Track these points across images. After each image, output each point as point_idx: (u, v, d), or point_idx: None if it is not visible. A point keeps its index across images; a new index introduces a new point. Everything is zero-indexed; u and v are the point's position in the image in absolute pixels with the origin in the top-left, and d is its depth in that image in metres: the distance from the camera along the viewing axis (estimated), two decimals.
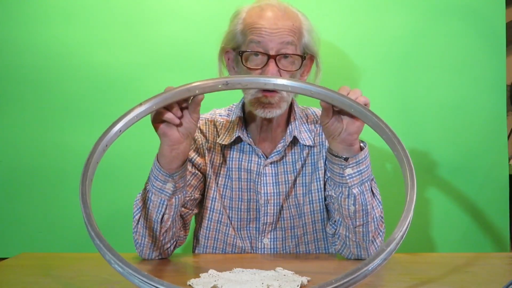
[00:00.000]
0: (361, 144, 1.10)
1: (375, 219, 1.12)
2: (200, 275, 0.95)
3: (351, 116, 1.04)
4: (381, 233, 1.15)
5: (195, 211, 1.27)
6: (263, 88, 1.11)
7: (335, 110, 1.04)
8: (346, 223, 1.13)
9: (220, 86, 1.05)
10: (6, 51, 1.75)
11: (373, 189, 1.12)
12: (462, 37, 1.77)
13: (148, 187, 1.13)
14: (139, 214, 1.15)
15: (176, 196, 1.12)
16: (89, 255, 1.20)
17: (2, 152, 1.76)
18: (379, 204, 1.13)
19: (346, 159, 1.07)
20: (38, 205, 1.76)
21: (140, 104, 1.01)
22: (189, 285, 0.89)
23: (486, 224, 1.78)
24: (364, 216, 1.10)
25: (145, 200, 1.13)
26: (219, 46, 1.28)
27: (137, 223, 1.15)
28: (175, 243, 1.20)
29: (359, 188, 1.08)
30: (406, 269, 1.05)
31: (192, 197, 1.23)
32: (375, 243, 1.13)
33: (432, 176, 1.77)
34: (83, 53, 1.75)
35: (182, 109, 1.05)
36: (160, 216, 1.12)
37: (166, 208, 1.12)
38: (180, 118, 1.04)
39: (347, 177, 1.07)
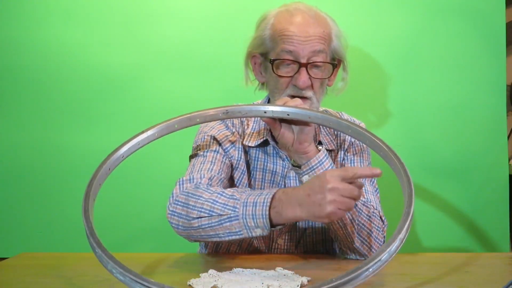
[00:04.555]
0: (319, 148, 1.11)
1: (352, 222, 1.10)
2: (200, 275, 0.95)
3: (302, 124, 1.08)
4: (369, 230, 1.12)
5: None
6: (262, 116, 1.10)
7: (283, 121, 1.08)
8: (329, 228, 1.14)
9: (220, 115, 1.10)
10: (6, 51, 1.76)
11: None
12: (462, 37, 1.77)
13: (238, 211, 1.01)
14: (206, 216, 1.03)
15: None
16: (89, 255, 1.19)
17: (2, 152, 1.76)
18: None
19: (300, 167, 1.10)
20: (38, 205, 1.76)
21: (143, 132, 1.04)
22: (189, 285, 0.89)
23: (486, 224, 1.78)
24: (338, 221, 1.10)
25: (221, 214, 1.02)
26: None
27: (196, 219, 1.03)
28: None
29: None
30: (406, 269, 1.05)
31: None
32: (366, 242, 1.12)
33: (432, 176, 1.77)
34: (83, 53, 1.75)
35: None
36: (224, 239, 1.03)
37: (234, 238, 1.02)
38: None
39: None
